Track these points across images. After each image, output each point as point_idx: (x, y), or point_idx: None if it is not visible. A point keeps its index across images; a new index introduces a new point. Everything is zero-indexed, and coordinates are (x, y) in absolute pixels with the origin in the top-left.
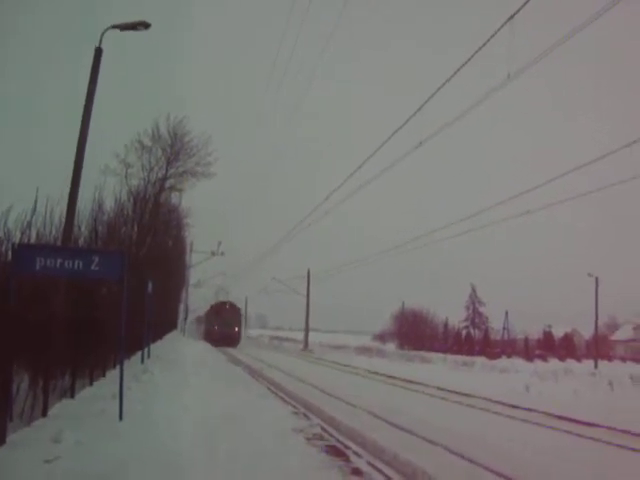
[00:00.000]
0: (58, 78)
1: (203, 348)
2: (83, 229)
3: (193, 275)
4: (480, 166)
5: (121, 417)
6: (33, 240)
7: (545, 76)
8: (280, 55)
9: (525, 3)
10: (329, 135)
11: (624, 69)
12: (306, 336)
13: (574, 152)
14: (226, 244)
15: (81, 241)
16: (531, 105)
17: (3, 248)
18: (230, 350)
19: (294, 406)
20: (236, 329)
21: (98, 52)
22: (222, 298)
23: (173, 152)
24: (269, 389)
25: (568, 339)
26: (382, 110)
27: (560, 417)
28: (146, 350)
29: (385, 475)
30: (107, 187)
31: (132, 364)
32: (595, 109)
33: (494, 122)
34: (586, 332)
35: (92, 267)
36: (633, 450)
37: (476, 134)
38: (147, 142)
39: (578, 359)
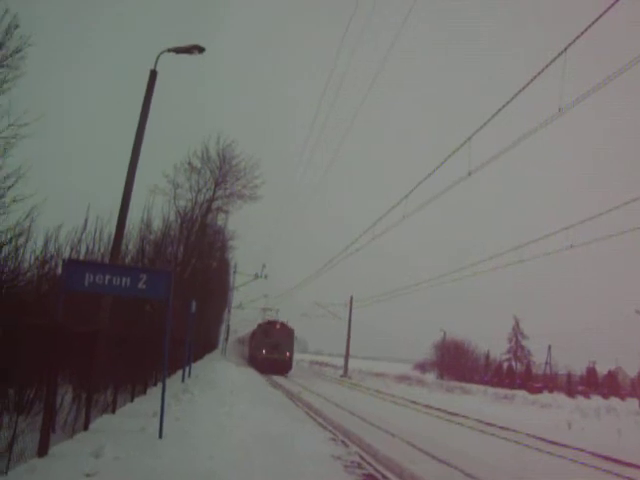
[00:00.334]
0: (111, 98)
1: (243, 371)
2: (130, 247)
3: (235, 297)
4: (527, 198)
5: (161, 435)
6: (82, 257)
7: (597, 109)
8: (330, 82)
9: (578, 36)
10: (378, 164)
11: None
12: (346, 362)
13: (619, 187)
14: (269, 267)
15: (128, 259)
16: (580, 139)
17: (53, 263)
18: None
19: (332, 432)
20: (288, 354)
21: (153, 75)
22: (270, 317)
23: (221, 174)
24: (307, 413)
25: (612, 376)
26: (431, 139)
27: (604, 457)
28: (187, 369)
29: None
30: (155, 207)
31: (173, 383)
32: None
33: (543, 155)
34: (631, 370)
35: (139, 285)
36: None
37: (525, 167)
38: (196, 163)
39: (622, 397)
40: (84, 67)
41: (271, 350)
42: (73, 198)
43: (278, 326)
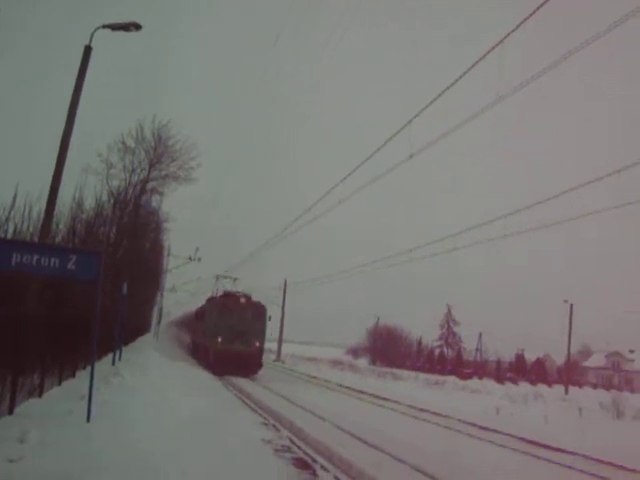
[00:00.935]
0: (44, 75)
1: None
2: (61, 227)
3: (169, 279)
4: (464, 185)
5: (89, 419)
6: (10, 236)
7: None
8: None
9: (518, 26)
10: (315, 144)
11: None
12: (279, 346)
13: (558, 176)
14: (204, 250)
15: (59, 239)
16: (520, 125)
17: None
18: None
19: (263, 416)
20: (257, 345)
21: (87, 50)
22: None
23: (156, 155)
24: (238, 397)
25: (540, 364)
26: (374, 122)
27: (531, 442)
28: (117, 352)
29: None
30: (88, 186)
31: (103, 366)
32: (585, 132)
33: (482, 140)
34: (558, 358)
35: (69, 266)
36: (595, 476)
37: (463, 152)
38: (130, 143)
39: (549, 384)
40: (15, 36)
41: (232, 339)
42: (1, 175)
43: (243, 301)
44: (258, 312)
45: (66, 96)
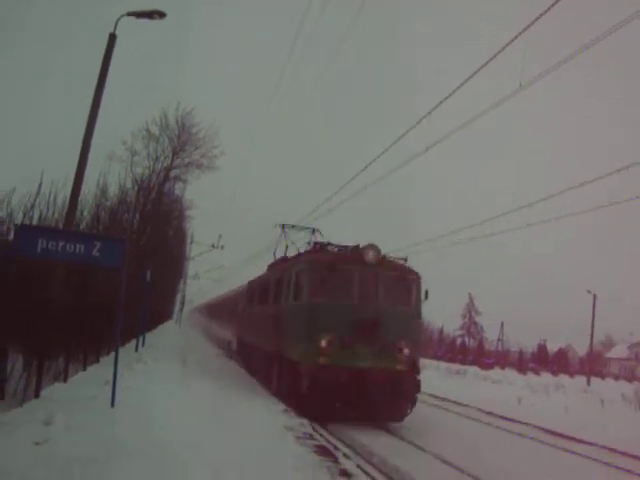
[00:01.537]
0: (70, 63)
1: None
2: (85, 214)
3: (191, 267)
4: (487, 176)
5: (113, 404)
6: (35, 222)
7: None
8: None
9: (542, 14)
10: (330, 140)
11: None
12: None
13: (579, 168)
14: (227, 238)
15: (83, 226)
16: (542, 117)
17: (5, 228)
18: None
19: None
20: (406, 353)
21: (112, 38)
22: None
23: (180, 142)
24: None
25: (562, 354)
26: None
27: (551, 432)
28: (141, 339)
29: None
30: (112, 174)
31: (126, 352)
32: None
33: (504, 132)
34: (581, 348)
35: (93, 252)
36: (617, 468)
37: (485, 144)
38: (155, 131)
39: (571, 375)
40: (39, 24)
41: (352, 341)
42: (27, 163)
43: (373, 258)
44: (406, 284)
45: (91, 84)
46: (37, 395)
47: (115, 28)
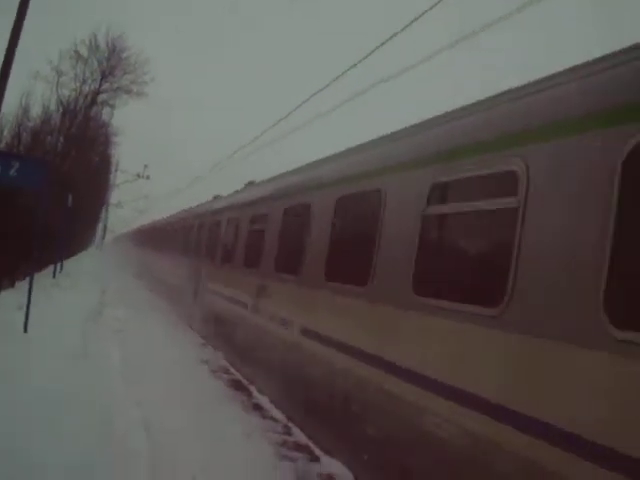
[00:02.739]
0: None
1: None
2: (5, 133)
3: (115, 195)
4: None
5: (26, 329)
6: None
7: None
8: None
9: None
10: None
11: None
12: None
13: None
14: (153, 168)
15: (2, 146)
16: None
17: None
18: None
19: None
20: None
21: None
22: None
23: (109, 66)
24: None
25: None
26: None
27: None
28: (59, 265)
29: None
30: (36, 94)
31: (43, 278)
32: None
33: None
34: None
35: (11, 172)
36: None
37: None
38: (83, 52)
39: None
40: None
41: None
42: None
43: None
44: None
45: None
46: None
47: None
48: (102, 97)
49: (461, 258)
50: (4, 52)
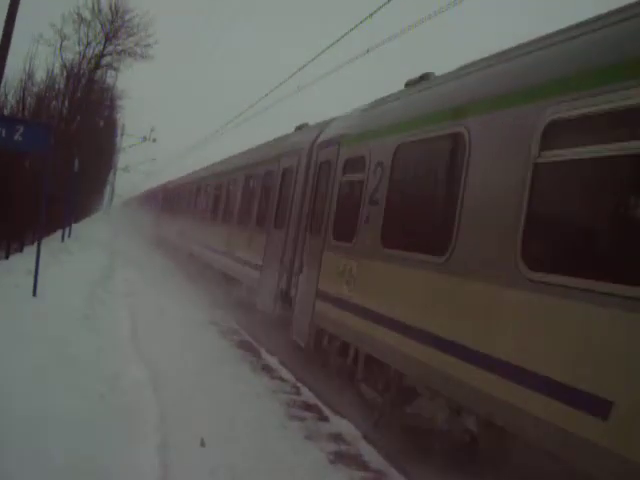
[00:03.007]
0: None
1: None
2: (10, 98)
3: (122, 159)
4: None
5: (35, 293)
6: None
7: None
8: None
9: None
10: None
11: None
12: None
13: None
14: (160, 131)
15: (7, 111)
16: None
17: None
18: None
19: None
20: None
21: None
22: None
23: (112, 29)
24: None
25: None
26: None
27: None
28: (67, 229)
29: None
30: (39, 58)
31: (51, 242)
32: None
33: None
34: None
35: (16, 137)
36: None
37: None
38: (86, 15)
39: None
40: None
41: None
42: None
43: None
44: None
45: None
46: None
47: None
48: (106, 60)
49: (600, 216)
50: (4, 17)
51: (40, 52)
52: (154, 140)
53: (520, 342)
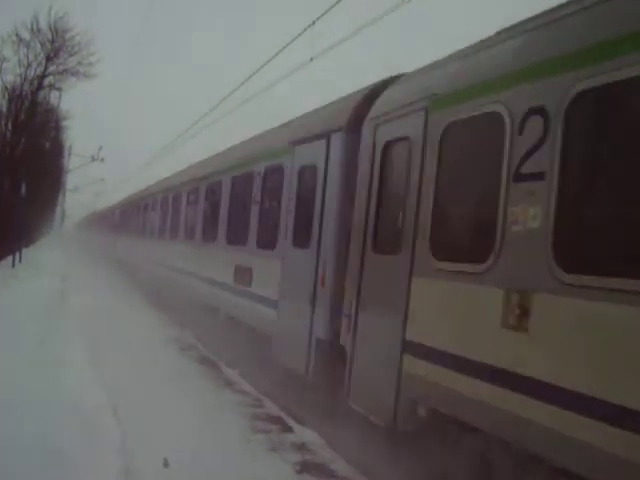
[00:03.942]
0: None
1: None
2: None
3: (71, 180)
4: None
5: None
6: None
7: None
8: None
9: None
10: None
11: None
12: None
13: None
14: (108, 151)
15: None
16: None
17: None
18: None
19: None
20: None
21: None
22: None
23: (53, 48)
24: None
25: None
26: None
27: None
28: (18, 254)
29: None
30: None
31: (2, 268)
32: None
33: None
34: None
35: None
36: None
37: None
38: (25, 36)
39: None
40: None
41: None
42: None
43: None
44: None
45: None
46: None
47: None
48: (49, 80)
49: None
50: None
51: None
52: (102, 160)
53: None
